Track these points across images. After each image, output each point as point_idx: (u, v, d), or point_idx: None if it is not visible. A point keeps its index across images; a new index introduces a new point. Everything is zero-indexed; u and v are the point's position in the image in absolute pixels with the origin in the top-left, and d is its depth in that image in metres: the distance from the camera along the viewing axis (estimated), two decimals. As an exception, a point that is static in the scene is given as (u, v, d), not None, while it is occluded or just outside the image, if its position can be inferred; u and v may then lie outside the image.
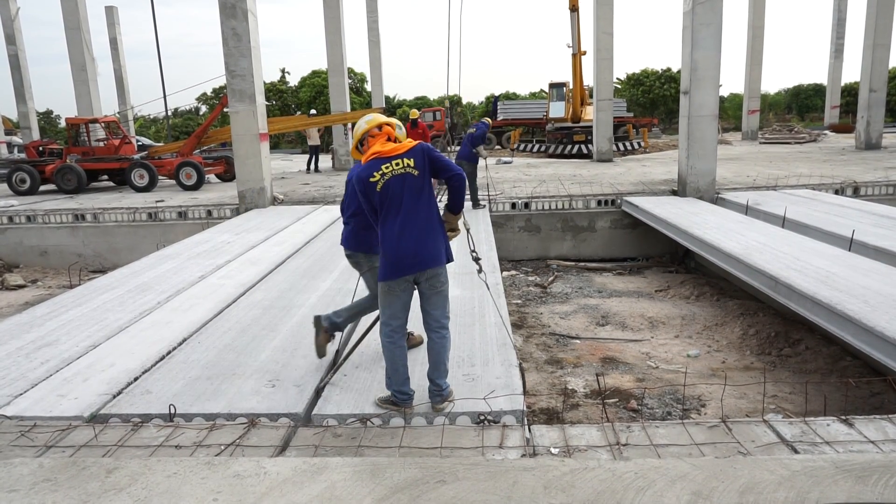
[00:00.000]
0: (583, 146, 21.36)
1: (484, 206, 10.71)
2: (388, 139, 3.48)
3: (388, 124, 3.51)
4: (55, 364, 4.22)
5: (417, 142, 3.49)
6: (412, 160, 3.38)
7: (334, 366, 4.07)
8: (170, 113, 26.38)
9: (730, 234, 7.44)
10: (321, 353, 4.16)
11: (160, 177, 14.61)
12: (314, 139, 18.99)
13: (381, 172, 3.35)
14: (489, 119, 11.90)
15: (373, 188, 3.35)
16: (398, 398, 3.45)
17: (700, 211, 9.26)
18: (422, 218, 3.38)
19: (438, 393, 3.46)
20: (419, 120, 14.10)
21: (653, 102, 46.85)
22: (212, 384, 3.84)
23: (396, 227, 3.33)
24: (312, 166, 18.90)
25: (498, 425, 3.29)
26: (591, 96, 21.43)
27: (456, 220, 3.63)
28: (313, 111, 23.15)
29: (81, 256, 11.18)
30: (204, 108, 47.25)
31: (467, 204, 10.76)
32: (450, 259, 3.49)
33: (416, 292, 3.49)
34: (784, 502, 2.36)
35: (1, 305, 8.88)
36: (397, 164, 3.37)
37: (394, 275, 3.35)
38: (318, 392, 3.72)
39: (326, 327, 4.16)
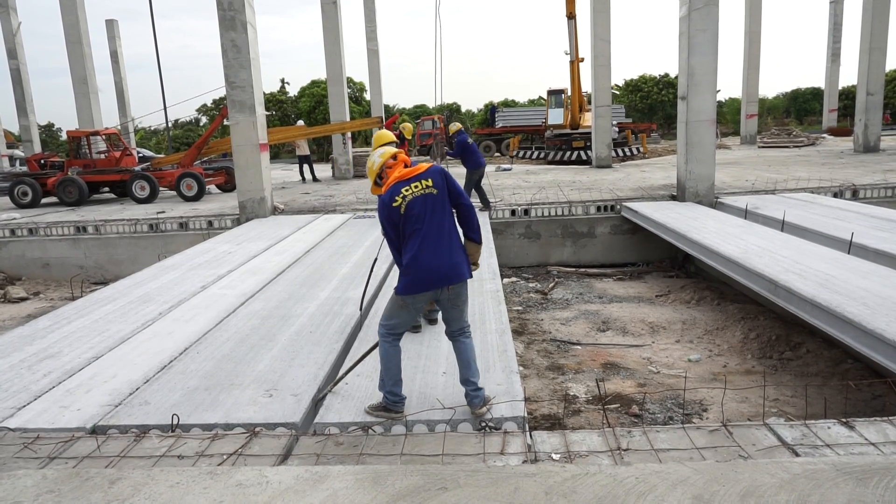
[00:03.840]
0: (582, 152, 21.41)
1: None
2: (406, 166, 3.59)
3: (400, 153, 3.65)
4: (58, 376, 4.24)
5: (432, 164, 3.61)
6: (430, 180, 3.49)
7: (333, 377, 4.08)
8: (170, 124, 26.48)
9: (729, 238, 7.45)
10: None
11: (161, 188, 14.66)
12: (303, 149, 18.99)
13: (401, 195, 3.43)
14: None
15: (396, 212, 3.42)
16: (389, 400, 3.47)
17: (699, 215, 9.28)
18: (445, 236, 3.45)
19: (477, 393, 3.46)
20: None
21: (651, 108, 47.02)
22: (210, 394, 3.85)
23: (419, 244, 3.39)
24: (308, 175, 18.91)
25: (499, 432, 3.29)
26: (589, 103, 21.49)
27: (478, 252, 3.68)
28: (300, 122, 23.25)
29: (83, 268, 11.21)
30: (204, 120, 47.44)
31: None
32: (470, 275, 3.56)
33: None
34: (785, 505, 2.36)
35: (3, 318, 8.90)
36: (416, 186, 3.45)
37: (416, 290, 3.41)
38: (316, 403, 3.73)
39: None
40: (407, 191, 3.44)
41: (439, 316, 4.86)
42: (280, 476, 2.71)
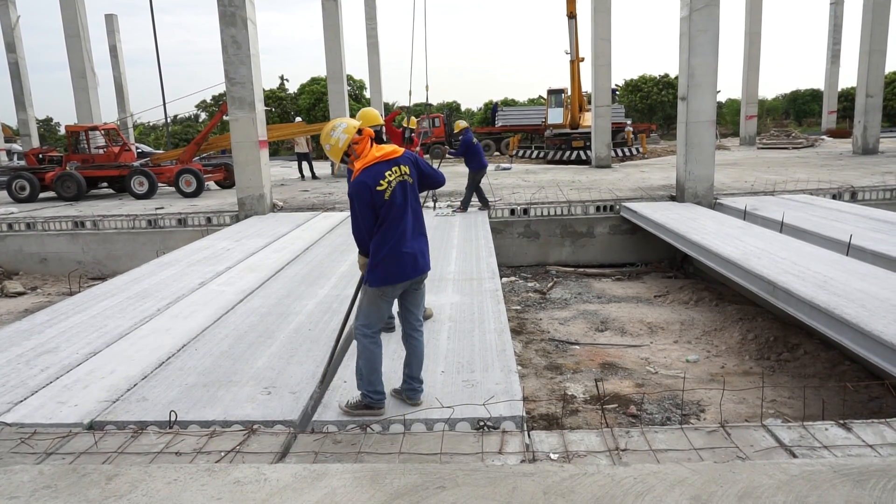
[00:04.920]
0: (581, 152, 21.42)
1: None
2: (372, 140, 3.45)
3: (363, 127, 3.46)
4: (55, 371, 4.23)
5: (403, 149, 3.50)
6: (407, 167, 3.42)
7: (331, 375, 4.08)
8: (169, 120, 26.44)
9: (728, 239, 7.46)
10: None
11: (160, 184, 14.63)
12: (302, 146, 18.93)
13: (386, 180, 3.32)
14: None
15: (381, 196, 3.30)
16: (374, 399, 3.47)
17: (698, 216, 9.29)
18: (419, 224, 3.47)
19: (420, 388, 3.59)
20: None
21: (651, 108, 47.03)
22: (208, 391, 3.85)
23: (398, 233, 3.35)
24: (308, 173, 18.89)
25: (497, 431, 3.29)
26: (589, 102, 21.49)
27: None
28: (298, 119, 23.13)
29: (81, 263, 11.18)
30: (203, 116, 47.35)
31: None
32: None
33: None
34: (782, 507, 2.37)
35: (0, 313, 8.88)
36: (396, 172, 3.37)
37: (395, 280, 3.38)
38: (314, 401, 3.72)
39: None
40: (390, 175, 3.33)
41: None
42: (278, 474, 2.71)
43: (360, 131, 3.42)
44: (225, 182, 16.04)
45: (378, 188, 3.28)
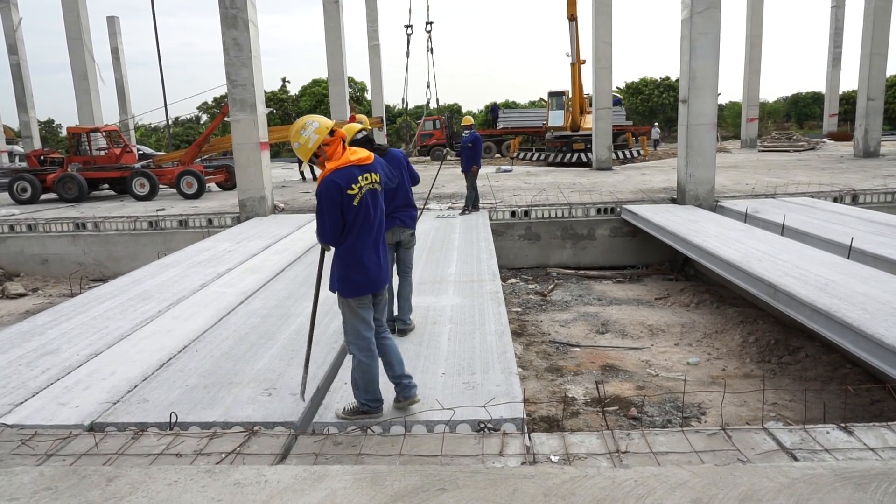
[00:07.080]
0: (582, 154, 21.42)
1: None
2: (344, 142, 3.31)
3: (335, 128, 3.30)
4: (56, 372, 4.23)
5: (374, 155, 3.37)
6: (378, 176, 3.32)
7: (331, 376, 4.08)
8: (170, 122, 26.46)
9: (729, 241, 7.46)
10: None
11: (161, 185, 14.66)
12: None
13: (358, 185, 3.20)
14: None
15: (350, 201, 3.17)
16: (372, 406, 3.45)
17: (699, 219, 9.28)
18: (383, 236, 3.43)
19: (411, 384, 3.52)
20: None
21: (652, 111, 47.05)
22: (209, 393, 3.85)
23: (370, 244, 3.29)
24: (309, 174, 18.93)
25: (498, 433, 3.29)
26: (590, 105, 21.49)
27: None
28: None
29: (82, 265, 11.19)
30: (205, 117, 47.42)
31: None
32: None
33: None
34: (783, 509, 2.36)
35: (2, 314, 8.89)
36: (366, 179, 3.25)
37: (371, 289, 3.35)
38: (314, 403, 3.72)
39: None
40: (363, 180, 3.21)
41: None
42: (278, 475, 2.71)
43: (332, 132, 3.25)
44: (226, 184, 16.07)
45: (349, 192, 3.16)
